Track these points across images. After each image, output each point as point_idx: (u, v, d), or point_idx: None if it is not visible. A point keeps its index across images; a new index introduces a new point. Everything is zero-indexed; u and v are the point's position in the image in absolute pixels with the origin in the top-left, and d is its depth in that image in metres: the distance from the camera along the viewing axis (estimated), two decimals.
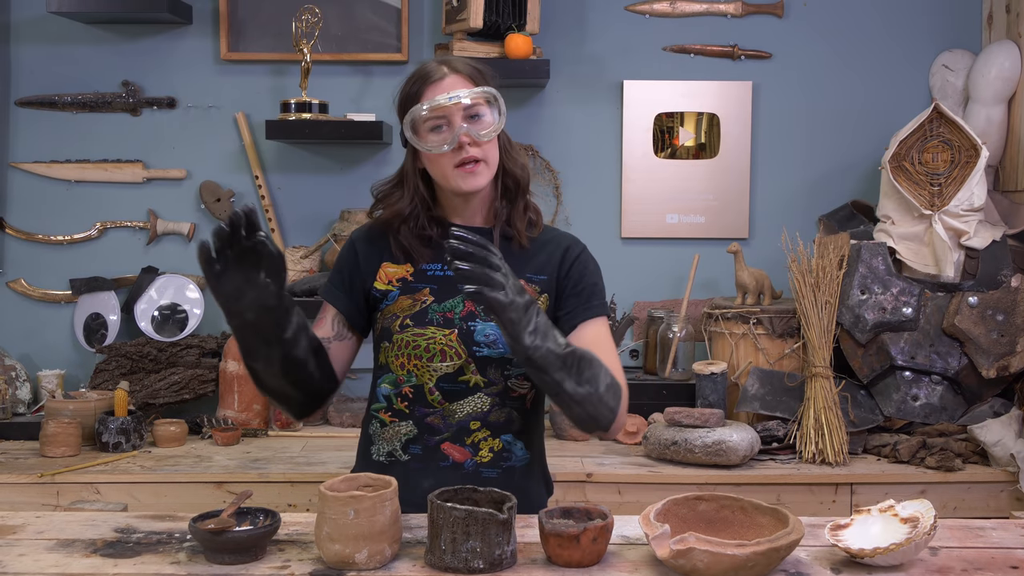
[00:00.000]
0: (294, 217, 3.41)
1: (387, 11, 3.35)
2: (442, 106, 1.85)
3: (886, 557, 1.54)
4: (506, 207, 1.95)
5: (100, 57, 3.36)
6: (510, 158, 1.95)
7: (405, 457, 1.93)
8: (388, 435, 1.95)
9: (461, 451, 1.91)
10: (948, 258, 3.00)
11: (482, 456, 1.92)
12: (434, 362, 1.89)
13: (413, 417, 1.92)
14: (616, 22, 3.40)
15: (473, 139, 1.85)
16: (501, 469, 1.93)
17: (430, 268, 1.94)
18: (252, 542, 1.58)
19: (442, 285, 1.92)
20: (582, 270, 1.97)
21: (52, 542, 1.68)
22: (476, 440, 1.91)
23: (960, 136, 3.06)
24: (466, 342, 1.89)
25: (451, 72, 1.89)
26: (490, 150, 1.89)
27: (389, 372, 1.93)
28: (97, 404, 2.98)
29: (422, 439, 1.92)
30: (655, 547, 1.50)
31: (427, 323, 1.90)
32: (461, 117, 1.86)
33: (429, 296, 1.92)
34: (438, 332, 1.89)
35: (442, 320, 1.90)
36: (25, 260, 3.41)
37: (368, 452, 1.99)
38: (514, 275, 1.67)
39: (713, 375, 2.99)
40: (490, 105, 1.89)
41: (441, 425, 1.91)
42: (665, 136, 3.41)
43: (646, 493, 2.69)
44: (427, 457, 1.91)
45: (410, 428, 1.93)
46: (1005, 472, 2.75)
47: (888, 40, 3.40)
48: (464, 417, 1.90)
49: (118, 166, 3.38)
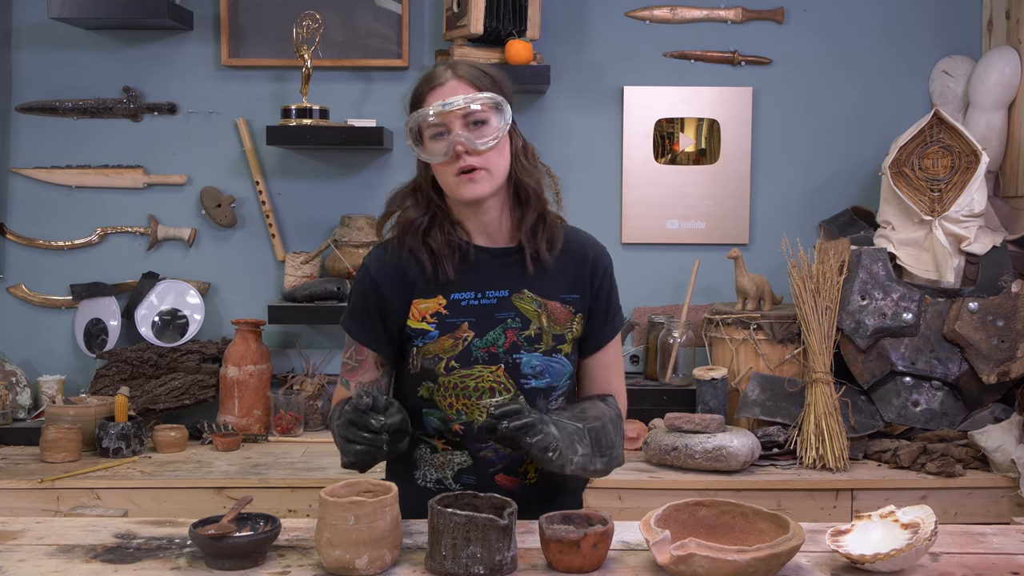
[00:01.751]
0: (295, 222, 3.41)
1: (388, 17, 3.35)
2: (439, 112, 1.79)
3: (887, 563, 1.54)
4: (530, 226, 1.87)
5: (101, 63, 3.37)
6: (521, 166, 1.87)
7: (456, 487, 1.88)
8: (439, 462, 1.90)
9: (513, 480, 1.89)
10: (948, 264, 3.00)
11: (530, 479, 1.91)
12: (484, 399, 1.84)
13: (467, 449, 1.88)
14: (616, 28, 3.40)
15: (468, 147, 1.77)
16: (539, 481, 1.92)
17: (463, 298, 1.86)
18: (252, 548, 1.58)
19: (479, 317, 1.85)
20: (609, 285, 1.97)
21: (52, 548, 1.68)
22: (526, 467, 1.90)
23: (960, 142, 3.06)
24: (513, 376, 1.85)
25: (454, 77, 1.82)
26: (493, 158, 1.81)
27: (436, 408, 1.87)
28: (97, 409, 2.99)
29: (477, 470, 1.88)
30: (656, 553, 1.50)
31: (472, 362, 1.84)
32: (461, 124, 1.79)
33: (469, 332, 1.85)
34: (485, 370, 1.84)
35: (487, 356, 1.84)
36: (26, 265, 3.41)
37: (411, 476, 1.93)
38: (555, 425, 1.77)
39: (713, 381, 2.99)
40: (495, 111, 1.81)
41: (494, 458, 1.88)
42: (665, 142, 3.42)
43: (646, 499, 2.69)
44: (481, 488, 1.84)
45: (465, 458, 1.88)
46: (1006, 478, 2.75)
47: (888, 46, 3.41)
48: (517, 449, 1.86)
49: (119, 172, 3.39)
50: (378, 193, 3.40)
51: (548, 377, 1.87)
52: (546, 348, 1.86)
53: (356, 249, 3.23)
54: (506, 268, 1.87)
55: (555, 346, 1.87)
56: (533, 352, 1.86)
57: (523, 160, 1.87)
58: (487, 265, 1.87)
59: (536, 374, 1.86)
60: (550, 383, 1.87)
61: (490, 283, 1.86)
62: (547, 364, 1.86)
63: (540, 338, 1.86)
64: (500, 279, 1.87)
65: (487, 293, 1.86)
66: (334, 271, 3.26)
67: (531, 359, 1.86)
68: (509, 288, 1.86)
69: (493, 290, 1.86)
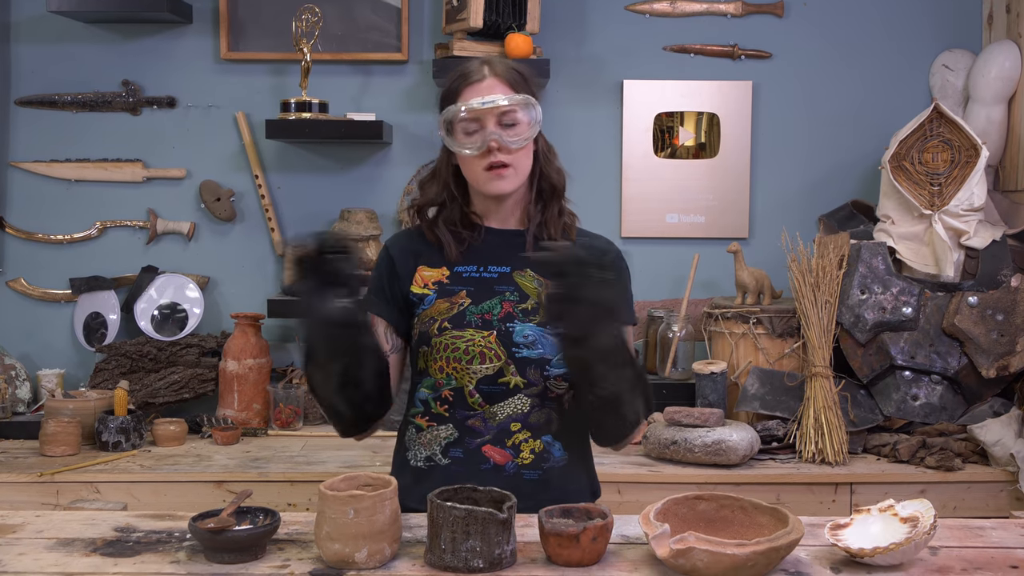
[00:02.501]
0: (294, 216, 3.41)
1: (387, 11, 3.35)
2: (476, 109, 1.86)
3: (886, 557, 1.54)
4: (540, 210, 1.97)
5: (100, 56, 3.36)
6: (547, 162, 1.96)
7: (445, 461, 1.91)
8: (426, 440, 1.93)
9: (502, 453, 1.90)
10: (948, 258, 3.00)
11: (523, 458, 1.90)
12: (473, 364, 1.88)
13: (453, 420, 1.91)
14: (616, 22, 3.40)
15: (502, 145, 1.86)
16: (541, 471, 1.92)
17: (465, 270, 1.94)
18: (252, 541, 1.58)
19: (478, 287, 1.92)
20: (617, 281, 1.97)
21: (52, 541, 1.68)
22: (517, 442, 1.90)
23: (960, 136, 3.06)
24: (505, 343, 1.88)
25: (491, 75, 1.90)
26: (521, 156, 1.90)
27: (428, 376, 1.93)
28: (97, 403, 2.99)
29: (463, 442, 1.91)
30: (655, 546, 1.50)
31: (465, 325, 1.89)
32: (494, 122, 1.87)
33: (466, 298, 1.91)
34: (477, 334, 1.89)
35: (480, 322, 1.89)
36: (25, 259, 3.41)
37: (405, 459, 1.97)
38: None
39: (713, 375, 2.99)
40: (526, 111, 1.89)
41: (482, 427, 1.90)
42: (665, 136, 3.41)
43: (646, 492, 2.69)
44: (468, 460, 1.89)
45: (450, 431, 1.91)
46: (1005, 472, 2.75)
47: (888, 40, 3.40)
48: (504, 419, 1.90)
49: (118, 165, 3.38)
50: (377, 187, 3.40)
51: (541, 348, 1.88)
52: (541, 321, 1.89)
53: (355, 243, 3.23)
54: (512, 248, 1.94)
55: None
56: (528, 323, 1.89)
57: (547, 157, 1.97)
58: (494, 244, 1.96)
59: (528, 344, 1.88)
60: (542, 355, 1.88)
61: (494, 259, 1.95)
62: (540, 336, 1.88)
63: (536, 312, 1.90)
64: (504, 257, 1.95)
65: (489, 268, 1.94)
66: None
67: (524, 328, 1.89)
68: (512, 265, 1.94)
69: (496, 266, 1.94)
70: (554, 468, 1.93)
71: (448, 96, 1.92)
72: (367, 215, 3.25)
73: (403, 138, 3.39)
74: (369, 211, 3.27)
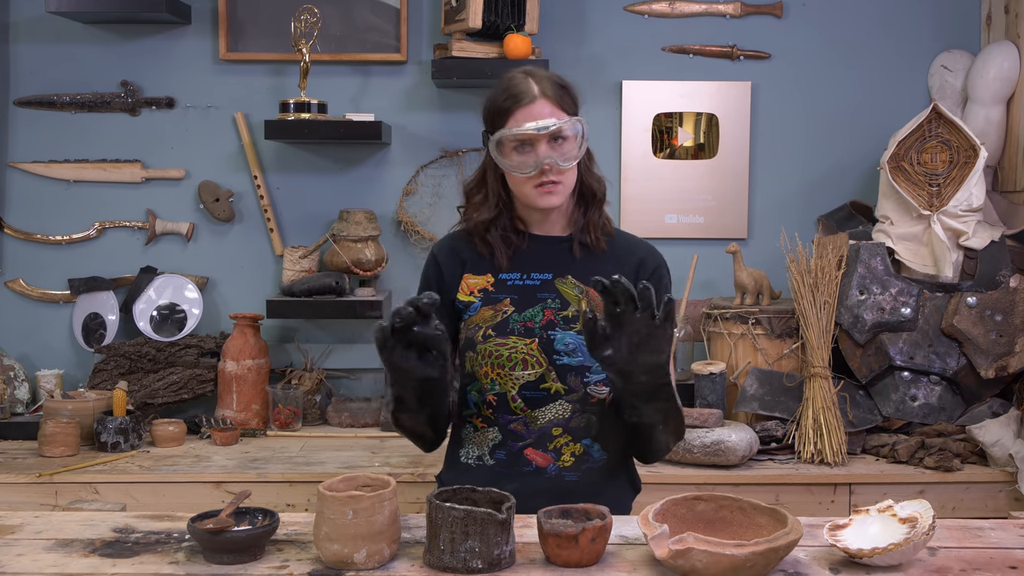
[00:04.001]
0: (293, 217, 3.41)
1: (386, 11, 3.35)
2: (529, 134, 1.90)
3: (884, 557, 1.54)
4: (583, 215, 2.02)
5: (99, 57, 3.36)
6: (589, 172, 2.02)
7: (491, 462, 1.99)
8: (479, 439, 2.01)
9: (544, 456, 1.96)
10: (947, 258, 3.00)
11: (564, 461, 1.96)
12: (516, 371, 1.94)
13: (498, 424, 1.98)
14: (615, 22, 3.40)
15: (554, 167, 1.91)
16: (581, 472, 1.97)
17: (509, 278, 2.00)
18: (250, 542, 1.58)
19: (522, 295, 1.98)
20: (655, 286, 1.98)
21: (50, 542, 1.68)
22: (558, 445, 1.96)
23: (959, 136, 3.06)
24: (546, 351, 1.94)
25: (541, 96, 1.93)
26: (569, 172, 1.95)
27: (475, 380, 1.99)
28: (96, 404, 2.98)
29: (506, 445, 1.97)
30: (654, 547, 1.50)
31: (508, 333, 1.96)
32: (546, 143, 1.91)
33: (510, 307, 1.98)
34: (519, 342, 1.95)
35: (523, 330, 1.96)
36: (24, 260, 3.41)
37: (457, 454, 2.05)
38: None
39: (712, 375, 2.99)
40: (573, 128, 1.94)
41: (524, 431, 1.96)
42: (664, 136, 3.41)
43: (645, 493, 2.66)
44: (511, 462, 1.97)
45: (496, 434, 1.98)
46: (1003, 472, 2.75)
47: (887, 40, 3.40)
48: (546, 424, 1.96)
49: (117, 166, 3.38)
50: (376, 187, 3.40)
51: (581, 356, 1.94)
52: (580, 330, 1.93)
53: (354, 243, 3.23)
54: (555, 254, 2.01)
55: None
56: (568, 331, 1.94)
57: (588, 165, 2.03)
58: (537, 251, 2.02)
59: (569, 351, 1.94)
60: (582, 362, 1.94)
61: (537, 266, 2.01)
62: (580, 343, 1.93)
63: (577, 319, 1.95)
64: (547, 263, 2.01)
65: (532, 275, 1.99)
66: (332, 265, 3.26)
67: (565, 336, 1.95)
68: (554, 272, 2.00)
69: (538, 272, 2.00)
70: (593, 468, 1.99)
71: (498, 116, 1.95)
72: (366, 215, 3.25)
73: (402, 138, 3.39)
74: (368, 211, 3.27)
